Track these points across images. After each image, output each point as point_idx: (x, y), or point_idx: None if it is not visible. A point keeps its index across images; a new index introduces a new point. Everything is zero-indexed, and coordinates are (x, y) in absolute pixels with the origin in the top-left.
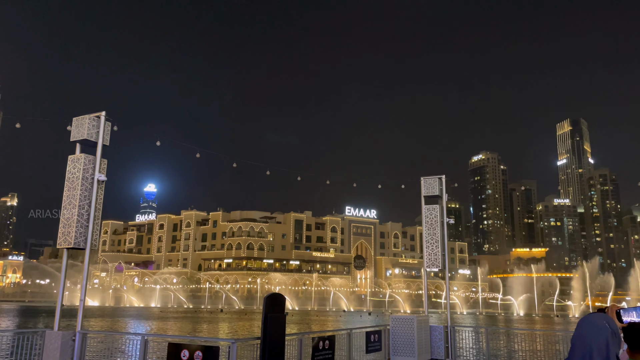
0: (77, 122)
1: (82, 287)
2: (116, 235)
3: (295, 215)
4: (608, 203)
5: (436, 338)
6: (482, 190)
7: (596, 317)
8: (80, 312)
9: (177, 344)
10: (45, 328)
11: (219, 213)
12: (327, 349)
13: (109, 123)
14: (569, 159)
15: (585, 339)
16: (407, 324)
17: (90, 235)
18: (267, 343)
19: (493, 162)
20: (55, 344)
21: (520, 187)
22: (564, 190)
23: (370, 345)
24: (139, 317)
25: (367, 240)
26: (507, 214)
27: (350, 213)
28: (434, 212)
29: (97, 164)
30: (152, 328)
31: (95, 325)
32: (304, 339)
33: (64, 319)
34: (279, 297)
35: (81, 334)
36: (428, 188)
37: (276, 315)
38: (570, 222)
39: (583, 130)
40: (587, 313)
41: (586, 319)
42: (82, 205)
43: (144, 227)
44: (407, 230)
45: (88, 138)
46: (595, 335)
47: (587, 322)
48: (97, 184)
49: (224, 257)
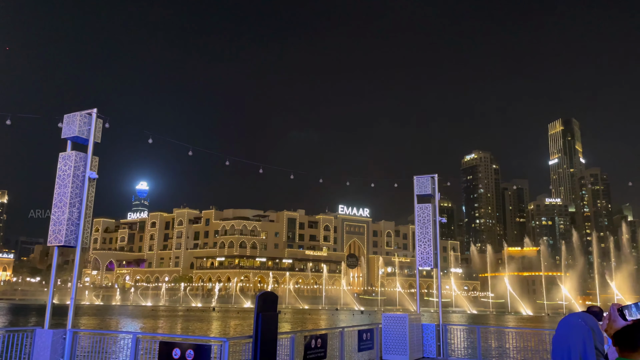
0: (68, 119)
1: (73, 285)
2: (107, 233)
3: (288, 214)
4: (599, 202)
5: (428, 336)
6: (474, 189)
7: (572, 317)
8: (71, 311)
9: (168, 343)
10: (36, 326)
11: (211, 211)
12: (319, 347)
13: (100, 120)
14: (560, 158)
15: (562, 338)
16: (399, 323)
17: (81, 233)
18: (259, 341)
19: (485, 162)
20: (46, 342)
21: (512, 186)
22: (555, 189)
23: (363, 344)
24: (130, 315)
25: (360, 239)
26: (499, 213)
27: (343, 211)
28: (427, 211)
29: (88, 162)
30: (143, 326)
31: (87, 323)
32: (296, 337)
33: (54, 317)
34: (272, 295)
35: (72, 333)
36: (420, 187)
37: (268, 313)
38: (561, 222)
39: (575, 130)
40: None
41: (563, 319)
42: (73, 202)
43: (135, 225)
44: (399, 228)
45: (79, 135)
46: (571, 335)
47: (563, 323)
48: (89, 181)
49: (217, 256)
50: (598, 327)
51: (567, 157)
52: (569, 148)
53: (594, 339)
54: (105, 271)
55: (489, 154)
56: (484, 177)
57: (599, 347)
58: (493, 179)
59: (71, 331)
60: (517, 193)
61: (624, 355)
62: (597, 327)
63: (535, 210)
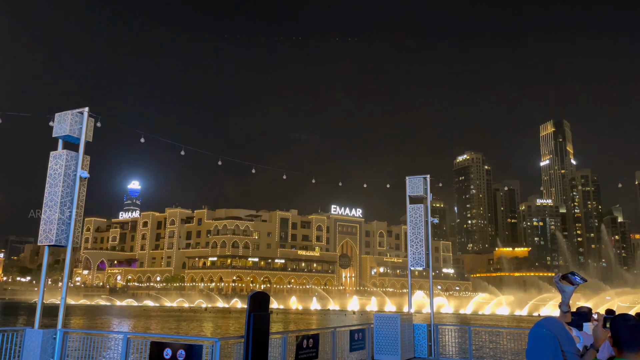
0: (59, 118)
1: (64, 284)
2: (99, 233)
3: (281, 214)
4: (589, 204)
5: (419, 336)
6: (466, 190)
7: (537, 328)
8: (62, 310)
9: (159, 343)
10: (26, 326)
11: (203, 211)
12: (311, 348)
13: (92, 119)
14: (551, 159)
15: (532, 352)
16: (390, 323)
17: (72, 233)
18: (251, 341)
19: (477, 162)
20: (36, 342)
21: (504, 187)
22: (546, 190)
23: (354, 344)
24: (121, 315)
25: (353, 239)
26: (491, 213)
27: (336, 212)
28: (419, 212)
29: (79, 161)
30: (134, 327)
31: (77, 323)
32: (288, 337)
33: (44, 317)
34: (264, 295)
35: (62, 333)
36: (413, 188)
37: (260, 313)
38: (552, 222)
39: (566, 132)
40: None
41: (531, 331)
42: (64, 202)
43: (127, 224)
44: (392, 229)
45: (70, 134)
46: (539, 349)
47: (531, 336)
48: (80, 180)
49: (209, 256)
50: (564, 331)
51: (558, 159)
52: (560, 149)
53: (560, 344)
54: (97, 271)
55: (481, 155)
56: (475, 178)
57: (567, 350)
58: (485, 179)
59: (61, 331)
60: (508, 194)
61: (621, 355)
62: (563, 332)
63: (527, 211)
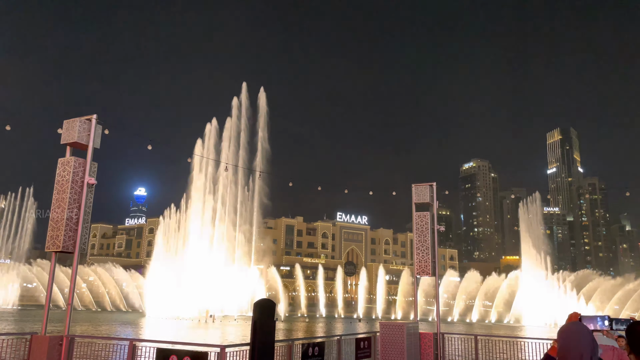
0: (67, 125)
1: (70, 290)
2: (105, 239)
3: (287, 221)
4: (597, 212)
5: (426, 345)
6: (472, 197)
7: (578, 326)
8: (68, 316)
9: (165, 350)
10: (32, 332)
11: None
12: (316, 355)
13: (99, 126)
14: (558, 167)
15: (577, 345)
16: (396, 331)
17: (79, 239)
18: (256, 349)
19: (484, 170)
20: (42, 348)
21: (511, 195)
22: (553, 198)
23: (360, 352)
24: (127, 321)
25: (358, 247)
26: (498, 221)
27: (342, 219)
28: (425, 219)
29: (87, 167)
30: (140, 333)
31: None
32: (293, 345)
33: (50, 323)
34: (269, 302)
35: (68, 339)
36: (419, 195)
37: (266, 321)
38: (559, 231)
39: (573, 140)
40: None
41: (569, 329)
42: (71, 208)
43: (133, 230)
44: (398, 236)
45: (78, 141)
46: (582, 340)
47: (573, 333)
48: (87, 187)
49: None
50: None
51: (565, 166)
52: (567, 157)
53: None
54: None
55: (488, 163)
56: (482, 186)
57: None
58: (491, 187)
59: (68, 337)
60: (515, 202)
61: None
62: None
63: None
